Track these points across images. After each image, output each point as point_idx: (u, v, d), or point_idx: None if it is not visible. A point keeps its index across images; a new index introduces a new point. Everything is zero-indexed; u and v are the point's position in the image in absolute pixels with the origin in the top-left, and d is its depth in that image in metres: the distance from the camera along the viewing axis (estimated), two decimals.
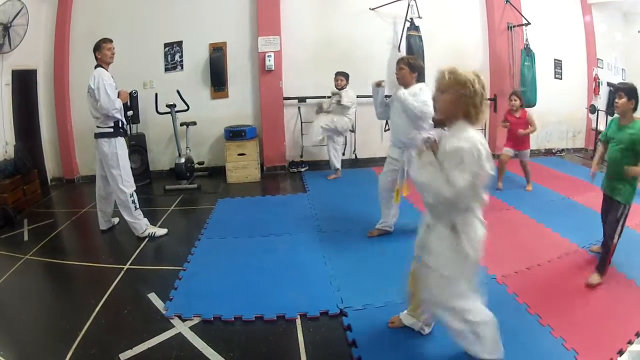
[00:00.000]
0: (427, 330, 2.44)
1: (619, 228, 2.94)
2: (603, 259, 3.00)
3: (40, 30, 5.93)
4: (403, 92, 3.49)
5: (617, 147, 2.93)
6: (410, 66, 3.50)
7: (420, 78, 3.61)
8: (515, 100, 5.07)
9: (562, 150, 7.60)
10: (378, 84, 3.78)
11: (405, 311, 2.51)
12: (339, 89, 5.81)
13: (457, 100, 1.83)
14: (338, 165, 6.12)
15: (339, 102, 5.78)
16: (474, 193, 1.79)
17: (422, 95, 3.43)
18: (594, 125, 7.42)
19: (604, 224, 3.13)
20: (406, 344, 2.40)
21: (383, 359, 2.29)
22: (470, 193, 1.77)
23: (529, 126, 5.02)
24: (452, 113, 1.86)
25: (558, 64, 7.38)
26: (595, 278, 2.95)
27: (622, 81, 6.98)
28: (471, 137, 1.77)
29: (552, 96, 7.07)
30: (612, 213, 2.98)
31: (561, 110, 7.40)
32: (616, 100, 2.92)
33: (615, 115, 3.06)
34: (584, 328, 2.46)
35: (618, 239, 2.96)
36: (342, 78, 5.80)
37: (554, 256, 3.38)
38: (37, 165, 5.78)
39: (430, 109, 3.48)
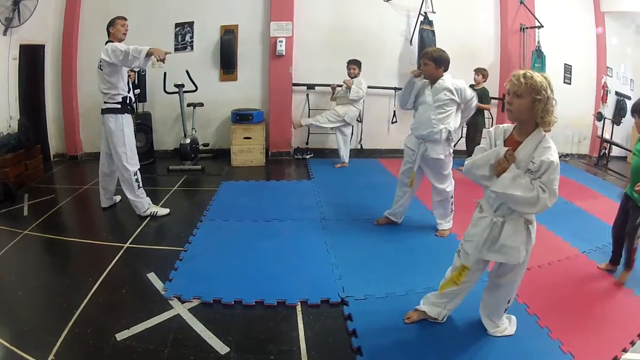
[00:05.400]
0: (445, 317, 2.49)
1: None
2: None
3: (51, 5, 5.86)
4: (469, 90, 3.56)
5: None
6: (435, 60, 3.42)
7: (446, 70, 3.54)
8: None
9: (567, 155, 7.57)
10: (417, 75, 3.61)
11: (426, 304, 2.50)
12: (352, 78, 5.74)
13: (533, 106, 1.92)
14: (346, 157, 6.09)
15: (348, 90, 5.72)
16: None
17: (468, 91, 3.52)
18: (599, 133, 7.40)
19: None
20: (406, 335, 2.40)
21: (383, 349, 2.28)
22: None
23: None
24: (527, 117, 1.97)
25: (568, 69, 7.33)
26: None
27: None
28: (554, 150, 1.94)
29: (560, 100, 6.93)
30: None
31: (568, 114, 7.28)
32: None
33: None
34: (581, 333, 2.46)
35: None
36: (354, 67, 5.73)
37: (554, 259, 3.37)
38: (41, 140, 5.73)
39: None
